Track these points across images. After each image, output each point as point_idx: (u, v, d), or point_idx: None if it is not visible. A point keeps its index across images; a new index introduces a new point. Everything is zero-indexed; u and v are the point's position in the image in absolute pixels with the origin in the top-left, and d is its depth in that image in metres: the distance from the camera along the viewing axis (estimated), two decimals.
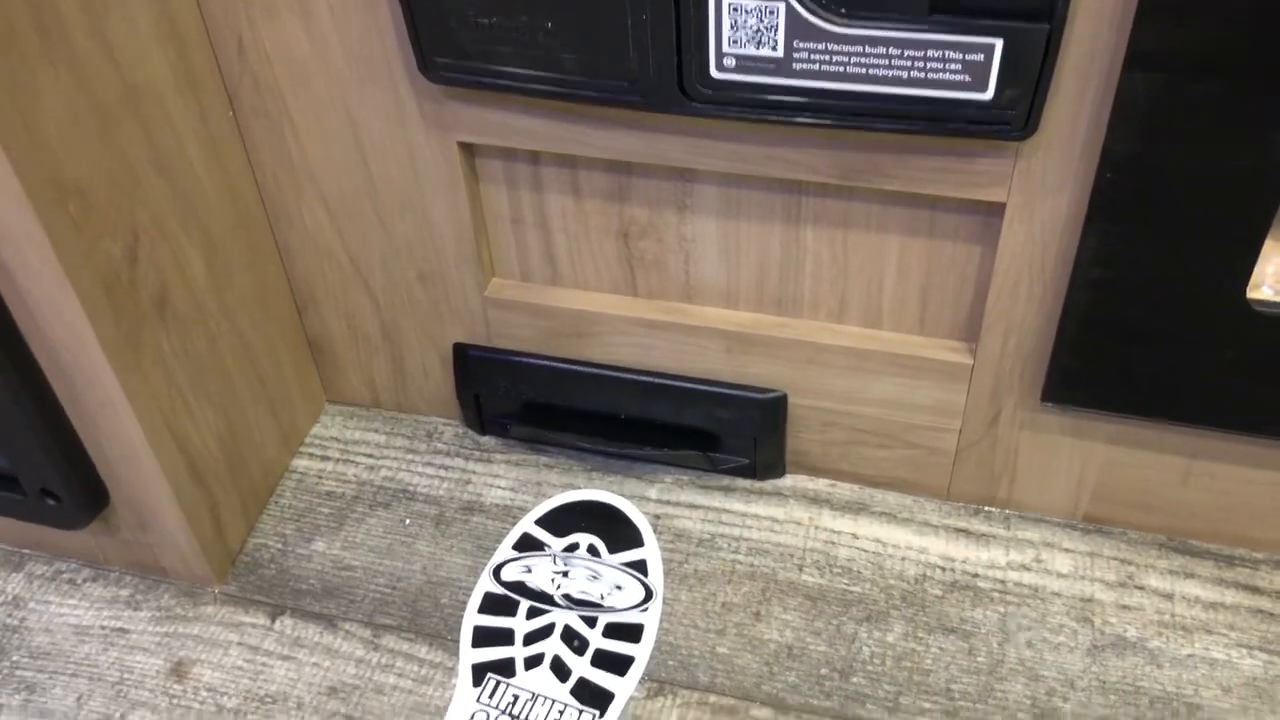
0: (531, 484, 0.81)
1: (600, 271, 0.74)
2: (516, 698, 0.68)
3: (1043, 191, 0.60)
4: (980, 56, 0.54)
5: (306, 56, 0.66)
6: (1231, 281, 0.60)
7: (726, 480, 0.80)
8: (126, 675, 0.71)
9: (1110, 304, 0.62)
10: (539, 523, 0.78)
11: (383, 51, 0.64)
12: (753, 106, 0.59)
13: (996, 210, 0.62)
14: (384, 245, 0.75)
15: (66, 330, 0.62)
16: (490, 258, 0.76)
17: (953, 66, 0.54)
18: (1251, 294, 0.60)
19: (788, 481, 0.80)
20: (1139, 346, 0.64)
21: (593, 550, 0.76)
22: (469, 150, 0.69)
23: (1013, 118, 0.56)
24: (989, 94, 0.55)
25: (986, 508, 0.77)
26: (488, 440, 0.84)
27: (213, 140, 0.69)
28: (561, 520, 0.78)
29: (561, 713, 0.67)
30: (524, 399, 0.81)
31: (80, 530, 0.73)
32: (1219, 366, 0.63)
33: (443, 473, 0.82)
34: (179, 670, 0.71)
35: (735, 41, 0.56)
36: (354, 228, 0.75)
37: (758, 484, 0.80)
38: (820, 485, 0.79)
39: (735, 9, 0.55)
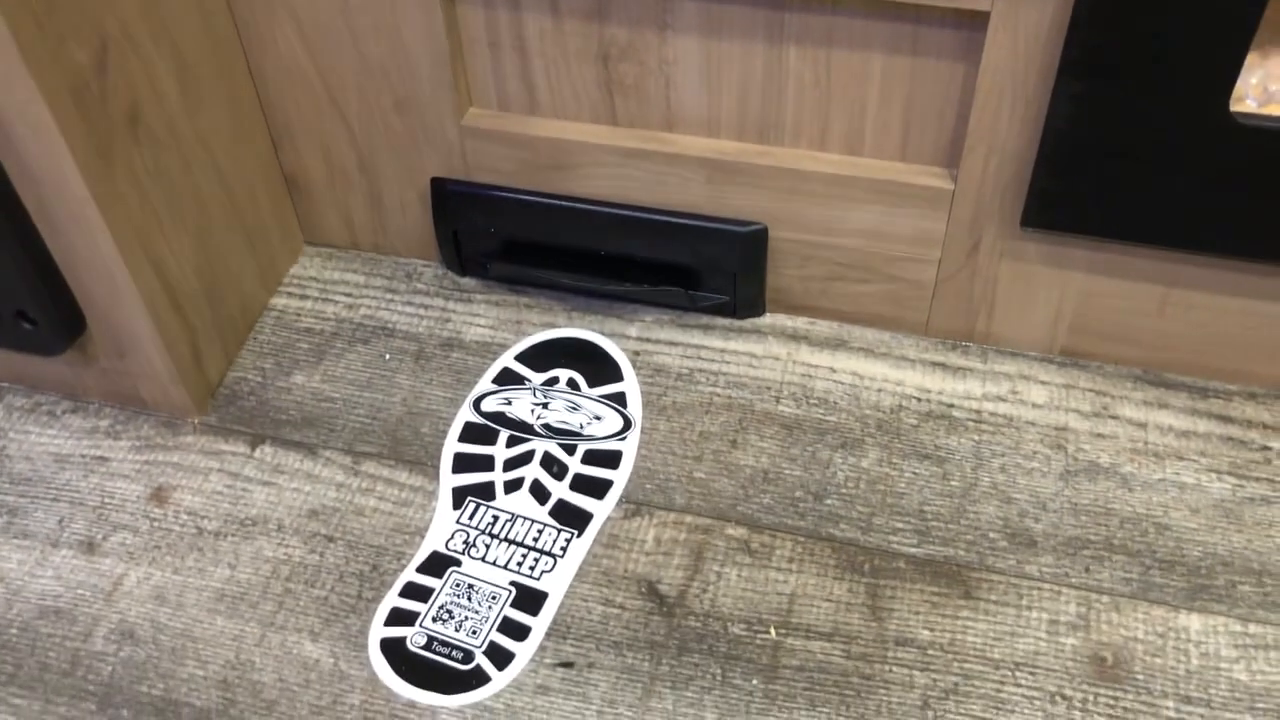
0: (511, 323, 0.81)
1: (579, 98, 0.73)
2: (496, 518, 0.69)
3: (1025, 1, 0.59)
4: None
5: None
6: (1214, 93, 0.59)
7: (706, 319, 0.80)
8: (107, 500, 0.72)
9: (1092, 120, 0.62)
10: (519, 358, 0.78)
11: None
12: None
13: (980, 21, 0.61)
14: (358, 70, 0.74)
15: (35, 139, 0.61)
16: (467, 85, 0.75)
17: None
18: (1235, 106, 0.60)
19: (767, 320, 0.80)
20: (1120, 164, 0.63)
21: (572, 384, 0.76)
22: None
23: None
24: None
25: (964, 342, 0.77)
26: (468, 281, 0.84)
27: None
28: (541, 356, 0.78)
29: (540, 532, 0.68)
30: (503, 236, 0.81)
31: (58, 358, 0.73)
32: (1200, 183, 0.63)
33: (422, 311, 0.82)
34: (159, 495, 0.72)
35: None
36: (328, 50, 0.73)
37: (737, 322, 0.80)
38: (799, 323, 0.79)
39: None
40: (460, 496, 0.70)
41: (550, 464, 0.71)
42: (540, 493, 0.70)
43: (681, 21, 0.67)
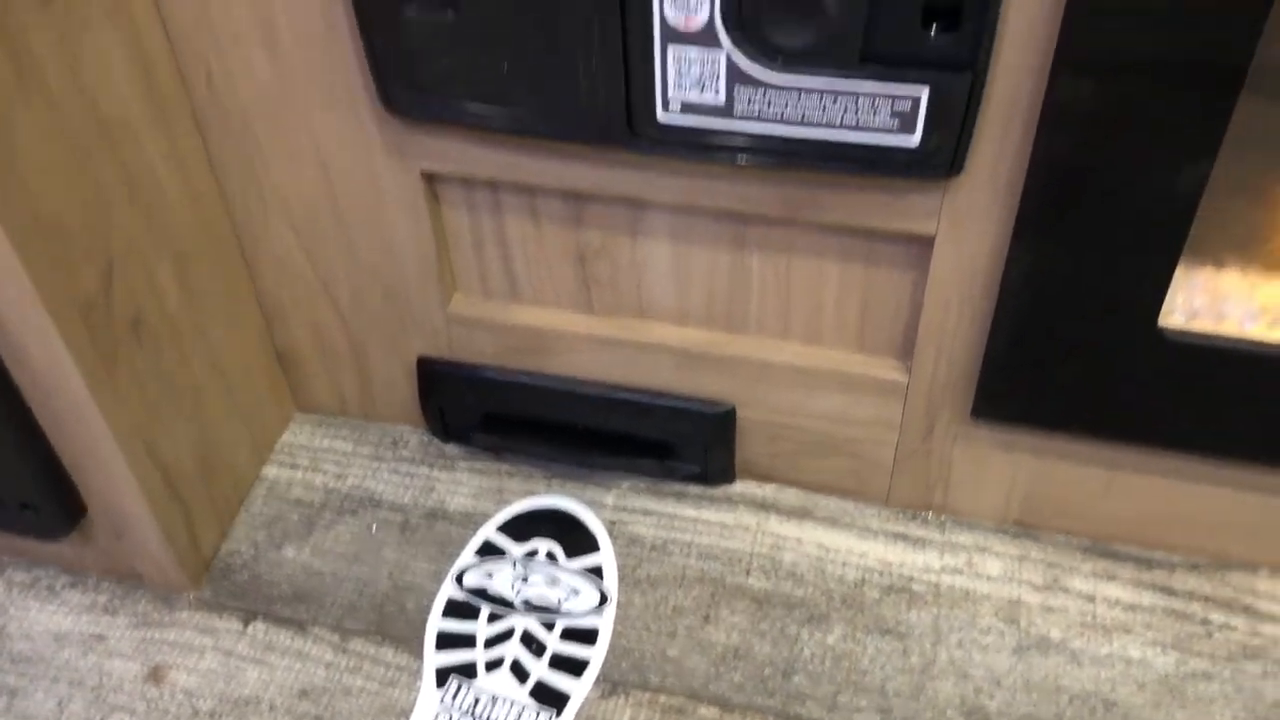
0: (493, 491, 0.84)
1: (558, 290, 0.78)
2: (478, 699, 0.72)
3: (969, 224, 0.64)
4: (908, 105, 0.58)
5: (271, 85, 0.69)
6: (1143, 309, 0.64)
7: (679, 486, 0.84)
8: (105, 679, 0.75)
9: (1033, 329, 0.67)
10: (500, 529, 0.82)
11: (345, 82, 0.67)
12: (697, 147, 0.62)
13: (927, 241, 0.66)
14: (349, 264, 0.78)
15: (45, 356, 0.65)
16: (452, 275, 0.79)
17: (882, 113, 0.58)
18: (1163, 321, 0.65)
19: (737, 487, 0.84)
20: (1061, 368, 0.68)
21: (551, 556, 0.80)
22: (431, 177, 0.72)
23: (939, 160, 0.60)
24: (917, 139, 0.59)
25: (923, 513, 0.81)
26: (451, 448, 0.88)
27: (183, 166, 0.72)
28: (522, 526, 0.82)
29: (521, 713, 0.71)
30: (485, 410, 0.85)
31: (59, 541, 0.76)
32: (1134, 388, 0.67)
33: (408, 480, 0.86)
34: (156, 675, 0.75)
35: (680, 87, 0.60)
36: (320, 248, 0.78)
37: (709, 490, 0.84)
38: (768, 491, 0.83)
39: (679, 59, 0.58)
40: (443, 676, 0.73)
41: (530, 641, 0.75)
42: (520, 672, 0.73)
43: (652, 229, 0.72)
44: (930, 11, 0.55)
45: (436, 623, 0.76)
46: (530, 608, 0.77)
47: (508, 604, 0.77)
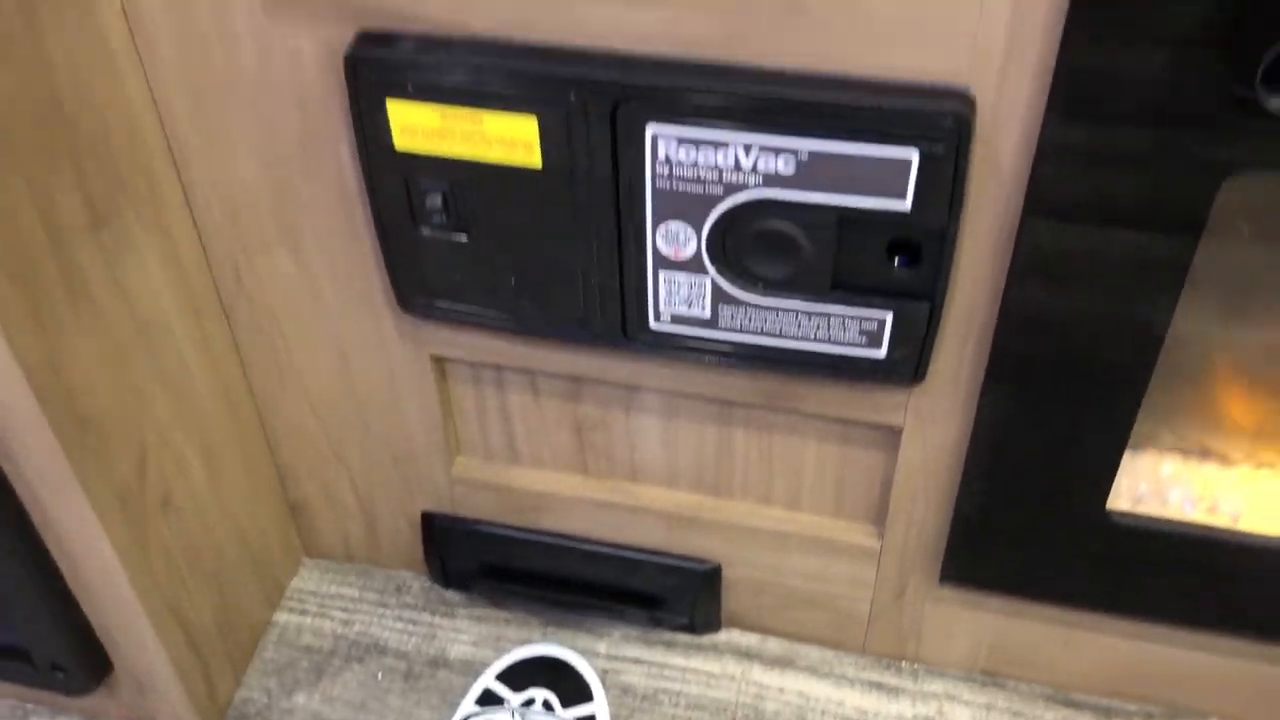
0: (492, 638, 0.90)
1: (555, 455, 0.84)
2: None
3: (933, 420, 0.70)
4: (874, 325, 0.64)
5: (296, 284, 0.75)
6: (1094, 494, 0.70)
7: (669, 635, 0.89)
8: None
9: (994, 508, 0.73)
10: (499, 677, 0.87)
11: (365, 284, 0.74)
12: (686, 350, 0.69)
13: (896, 430, 0.72)
14: (361, 434, 0.84)
15: (83, 537, 0.70)
16: (456, 441, 0.85)
17: (851, 331, 0.65)
18: (1111, 504, 0.71)
19: (723, 636, 0.89)
20: (1020, 543, 0.74)
21: (547, 705, 0.85)
22: (440, 359, 0.78)
23: (904, 370, 0.66)
24: (883, 352, 0.65)
25: (898, 662, 0.87)
26: (452, 594, 0.93)
27: (210, 351, 0.77)
28: (519, 675, 0.87)
29: None
30: (486, 561, 0.90)
31: (85, 697, 0.81)
32: (1086, 562, 0.73)
33: (411, 626, 0.91)
34: None
35: (670, 302, 0.66)
36: (335, 420, 0.84)
37: (696, 638, 0.89)
38: (752, 640, 0.89)
39: (669, 281, 0.65)
40: None
41: None
42: None
43: (645, 407, 0.78)
44: (894, 246, 0.61)
45: None
46: None
47: None
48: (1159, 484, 0.73)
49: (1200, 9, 0.49)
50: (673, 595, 0.87)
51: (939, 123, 0.55)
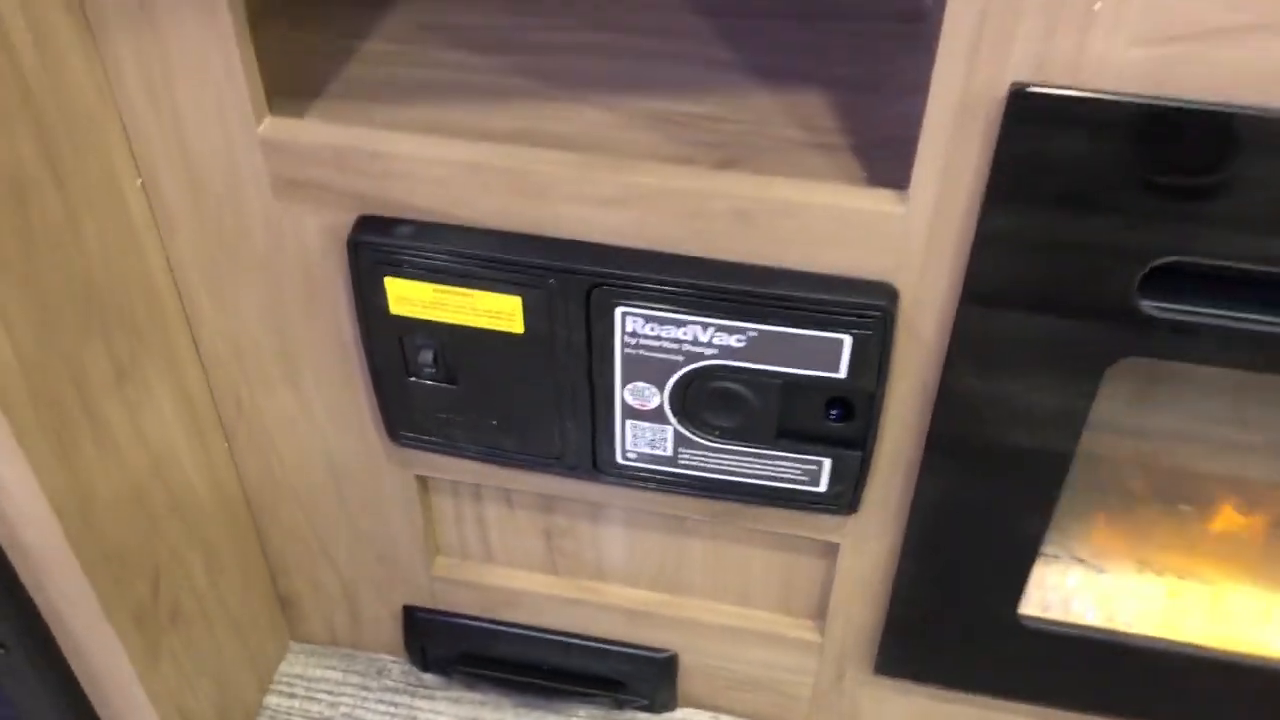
0: (468, 719, 0.98)
1: (527, 557, 0.92)
2: None
3: (867, 540, 0.80)
4: (814, 467, 0.73)
5: (293, 414, 0.83)
6: (1006, 602, 0.80)
7: (630, 714, 0.98)
8: None
9: (921, 612, 0.82)
10: None
11: (359, 418, 0.81)
12: (648, 481, 0.77)
13: (834, 546, 0.82)
14: (349, 535, 0.92)
15: (103, 653, 0.77)
16: (436, 543, 0.93)
17: (794, 471, 0.74)
18: (1023, 609, 0.81)
19: (678, 715, 0.98)
20: (944, 641, 0.84)
21: None
22: (424, 478, 0.86)
23: (841, 502, 0.75)
24: (823, 488, 0.74)
25: None
26: (430, 677, 1.01)
27: (215, 475, 0.85)
28: None
29: None
30: (462, 649, 0.98)
31: None
32: (1001, 659, 0.83)
33: (392, 709, 0.98)
34: None
35: (636, 444, 0.75)
36: (324, 523, 0.91)
37: (655, 717, 0.98)
38: (705, 718, 0.98)
39: (635, 427, 0.74)
40: None
41: None
42: None
43: (609, 518, 0.87)
44: (830, 404, 0.71)
45: None
46: None
47: None
48: (1065, 592, 0.83)
49: (1084, 230, 0.59)
50: (634, 680, 0.96)
51: (868, 313, 0.64)
